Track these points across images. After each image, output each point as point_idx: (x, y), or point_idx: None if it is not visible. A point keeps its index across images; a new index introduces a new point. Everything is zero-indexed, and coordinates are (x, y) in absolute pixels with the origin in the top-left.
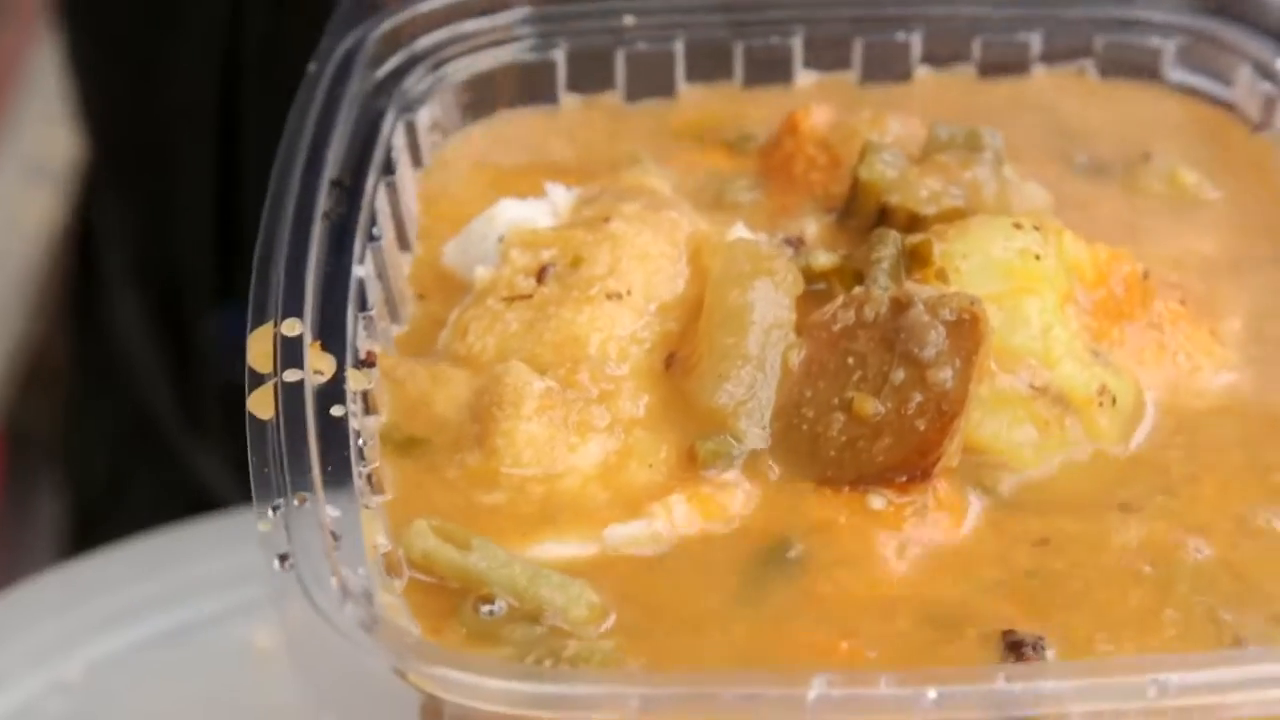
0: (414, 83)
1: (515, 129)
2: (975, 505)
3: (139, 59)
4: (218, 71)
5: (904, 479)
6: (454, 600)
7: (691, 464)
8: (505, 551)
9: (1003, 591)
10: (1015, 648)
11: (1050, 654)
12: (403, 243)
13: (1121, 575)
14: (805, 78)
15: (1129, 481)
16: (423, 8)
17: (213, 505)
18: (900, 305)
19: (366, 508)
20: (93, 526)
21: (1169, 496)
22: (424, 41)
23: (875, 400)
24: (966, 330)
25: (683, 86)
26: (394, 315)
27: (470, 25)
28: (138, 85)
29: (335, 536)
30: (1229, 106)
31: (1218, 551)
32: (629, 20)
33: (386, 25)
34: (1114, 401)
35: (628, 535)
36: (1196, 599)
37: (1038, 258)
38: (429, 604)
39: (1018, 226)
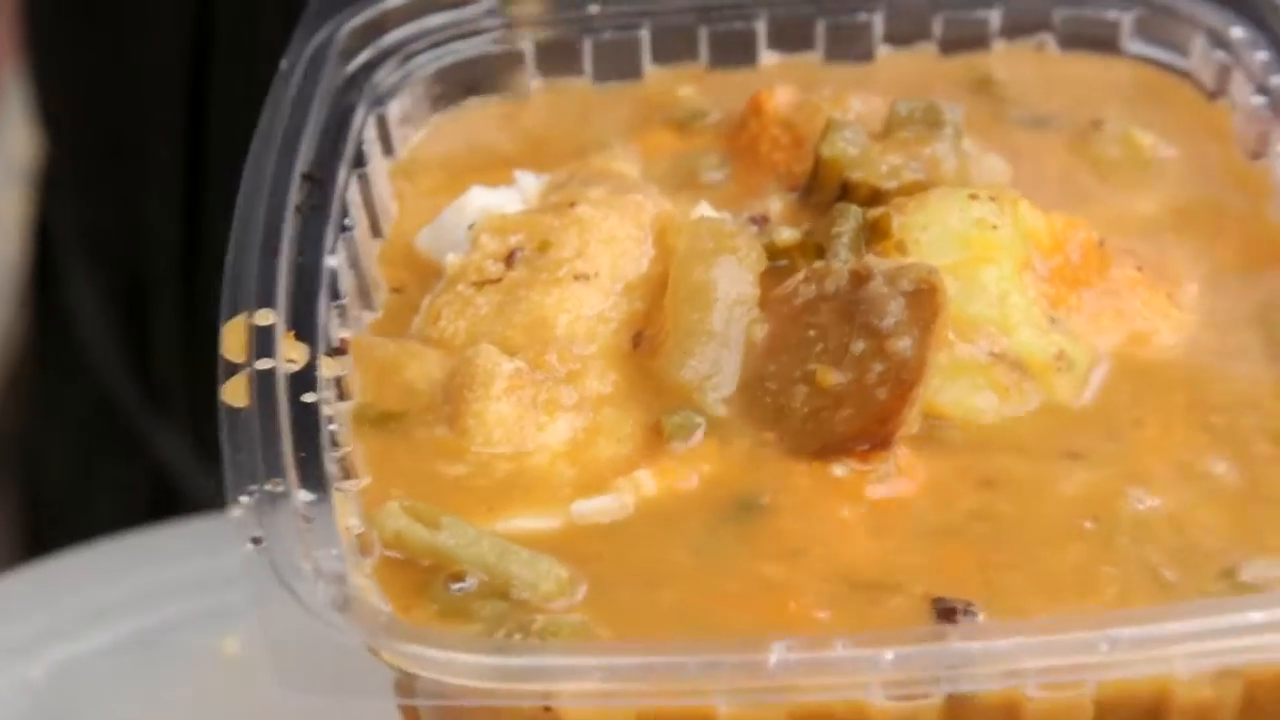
0: (384, 76)
1: (485, 118)
2: (936, 468)
3: (104, 52)
4: (187, 63)
5: (865, 447)
6: (426, 577)
7: (658, 439)
8: (475, 529)
9: (945, 549)
10: (947, 614)
11: (980, 618)
12: (376, 232)
13: (1063, 531)
14: (769, 59)
15: (1078, 430)
16: (392, 2)
17: (177, 489)
18: (860, 278)
19: (339, 490)
20: (57, 515)
21: (1114, 443)
22: (393, 36)
23: (837, 371)
24: (924, 300)
25: (649, 71)
26: (367, 302)
27: (438, 19)
28: (102, 78)
29: (308, 519)
30: (1186, 76)
31: (1161, 502)
32: (594, 9)
33: (356, 21)
34: (1071, 366)
35: (594, 509)
36: (1137, 555)
37: (994, 227)
38: (401, 582)
39: (974, 197)
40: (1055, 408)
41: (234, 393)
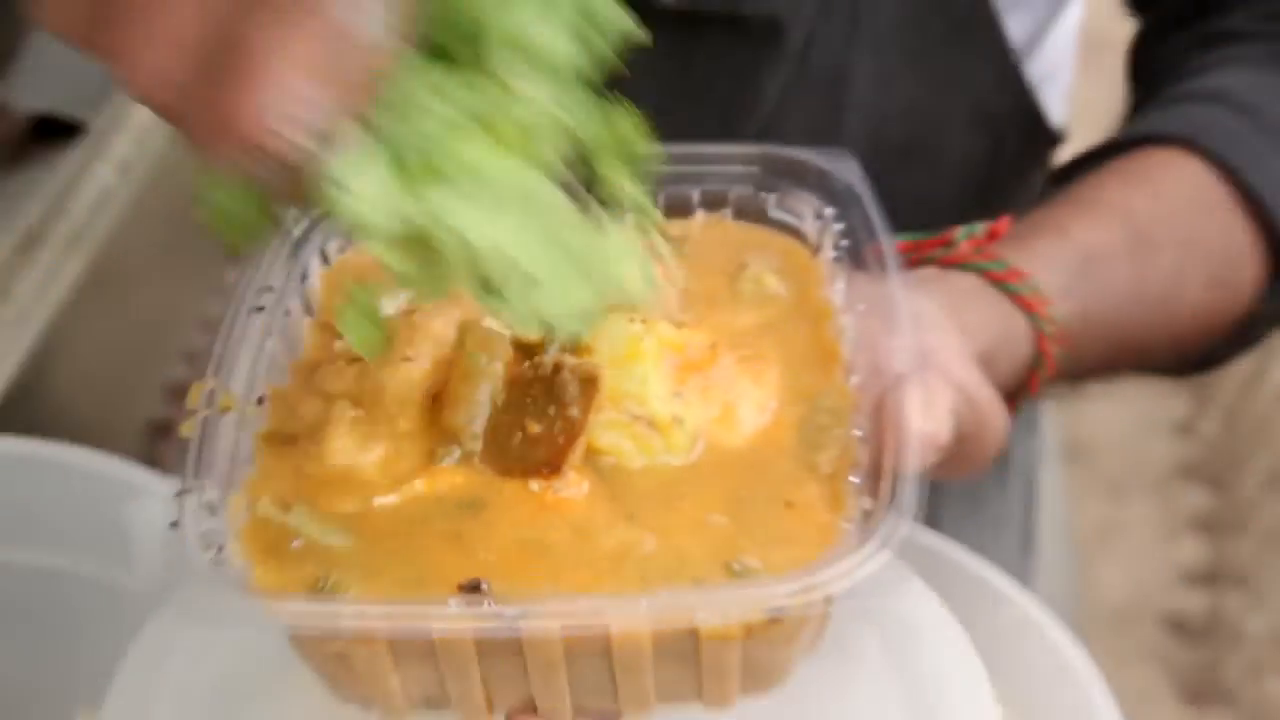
0: (310, 252)
1: None
2: (590, 487)
3: None
4: None
5: (547, 471)
6: (278, 535)
7: (432, 460)
8: (309, 512)
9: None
10: (471, 588)
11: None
12: (310, 314)
13: (589, 561)
14: None
15: (660, 492)
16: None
17: None
18: (557, 368)
19: (233, 489)
20: None
21: (662, 509)
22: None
23: (538, 424)
24: (589, 384)
25: None
26: (294, 356)
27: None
28: None
29: (212, 509)
30: (802, 237)
31: (667, 541)
32: None
33: (288, 245)
34: (682, 425)
35: (385, 502)
36: (633, 573)
37: (640, 339)
38: (264, 538)
39: (631, 320)
40: (665, 470)
41: (185, 429)
